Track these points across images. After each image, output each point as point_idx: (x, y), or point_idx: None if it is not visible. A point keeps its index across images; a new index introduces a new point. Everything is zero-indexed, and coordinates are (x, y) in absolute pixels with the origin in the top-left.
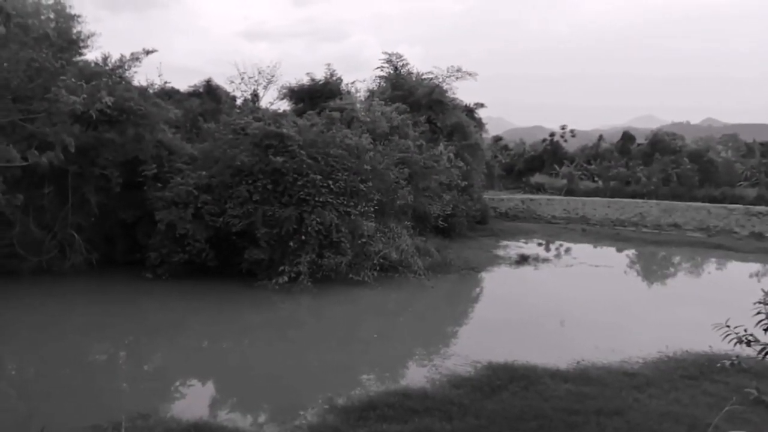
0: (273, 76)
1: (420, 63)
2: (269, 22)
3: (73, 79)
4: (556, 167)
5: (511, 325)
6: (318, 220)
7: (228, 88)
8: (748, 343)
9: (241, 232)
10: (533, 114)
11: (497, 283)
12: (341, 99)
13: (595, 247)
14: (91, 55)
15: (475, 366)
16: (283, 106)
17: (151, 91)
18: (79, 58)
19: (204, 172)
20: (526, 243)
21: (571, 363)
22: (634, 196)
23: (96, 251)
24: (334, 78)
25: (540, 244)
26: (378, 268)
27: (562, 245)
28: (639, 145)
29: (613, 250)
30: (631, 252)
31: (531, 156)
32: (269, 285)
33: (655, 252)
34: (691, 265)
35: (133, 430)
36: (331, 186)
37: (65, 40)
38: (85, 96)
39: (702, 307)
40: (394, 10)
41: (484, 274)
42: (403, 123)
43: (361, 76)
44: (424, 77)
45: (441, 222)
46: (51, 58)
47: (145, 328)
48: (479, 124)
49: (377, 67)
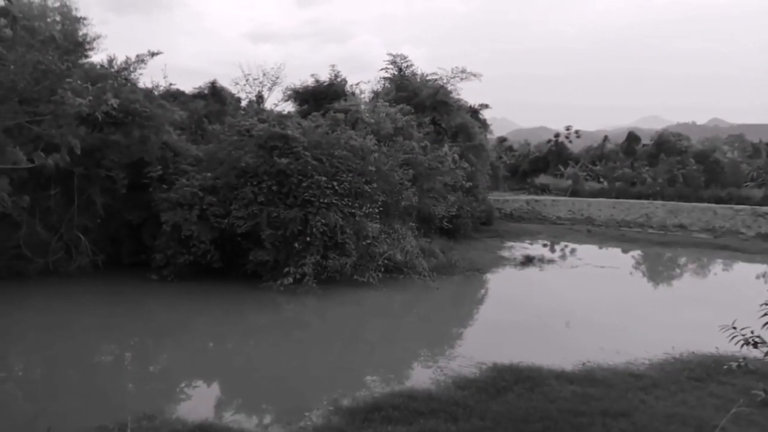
0: (277, 78)
1: (424, 64)
2: (274, 23)
3: (79, 82)
4: (561, 168)
5: (516, 326)
6: (323, 221)
7: (233, 89)
8: (755, 345)
9: (246, 233)
10: (538, 115)
11: (502, 284)
12: (346, 100)
13: (600, 248)
14: (97, 57)
15: (480, 367)
16: (288, 107)
17: (156, 92)
18: (84, 61)
19: (209, 174)
20: (531, 244)
21: (577, 364)
22: (639, 196)
23: (102, 252)
24: (339, 79)
25: (545, 245)
26: (383, 270)
27: (567, 246)
28: (644, 145)
29: (618, 251)
30: (636, 253)
31: (536, 157)
32: (274, 286)
33: (661, 253)
34: (697, 266)
35: (138, 431)
36: (336, 187)
37: (71, 42)
38: (90, 98)
39: (708, 309)
40: (398, 11)
41: (489, 276)
42: (408, 124)
43: (365, 78)
44: (428, 78)
45: (446, 223)
46: (57, 61)
47: (151, 329)
48: (484, 125)
49: (382, 69)
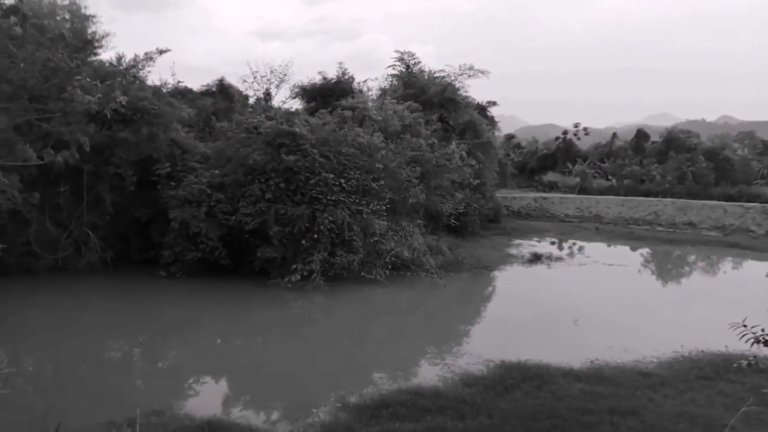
0: (285, 75)
1: (432, 61)
2: (282, 21)
3: (88, 79)
4: (569, 165)
5: (523, 324)
6: (330, 218)
7: (240, 87)
8: (766, 343)
9: (253, 230)
10: (546, 112)
11: (510, 281)
12: (353, 97)
13: (608, 245)
14: (106, 55)
15: (487, 365)
16: (296, 104)
17: (164, 90)
18: (93, 58)
19: (217, 171)
20: (539, 242)
21: (585, 362)
22: (648, 194)
23: (111, 249)
24: (346, 77)
25: (553, 243)
26: (390, 267)
27: (575, 244)
28: (653, 143)
29: (627, 248)
30: (645, 251)
31: (544, 154)
32: (282, 283)
33: (670, 251)
34: (707, 264)
35: (147, 427)
36: (343, 184)
37: (80, 40)
38: (99, 95)
39: (717, 307)
40: (406, 8)
41: (496, 273)
42: (415, 121)
43: (373, 75)
44: (436, 75)
45: (453, 220)
46: (66, 58)
47: (159, 326)
48: (491, 122)
49: (389, 66)
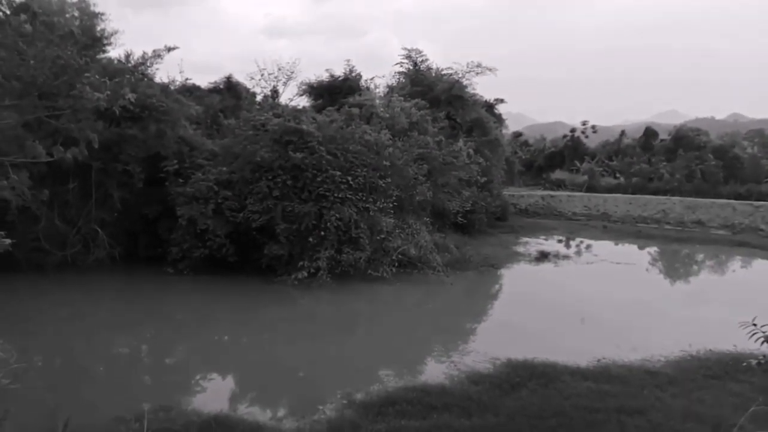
0: (292, 73)
1: (439, 59)
2: (289, 19)
3: (97, 76)
4: (577, 163)
5: (530, 322)
6: (337, 215)
7: (248, 84)
8: None
9: (260, 227)
10: (554, 110)
11: (517, 279)
12: (360, 95)
13: (616, 244)
14: (114, 52)
15: (494, 363)
16: (303, 102)
17: (172, 87)
18: (102, 56)
19: (224, 168)
20: (546, 240)
21: (592, 361)
22: (656, 192)
23: (119, 246)
24: (354, 74)
25: (560, 241)
26: (396, 264)
27: (582, 242)
28: (662, 140)
29: (634, 247)
30: (653, 249)
31: (551, 152)
32: (288, 280)
33: (678, 249)
34: (715, 263)
35: (155, 422)
36: (350, 182)
37: (89, 37)
38: (108, 93)
39: (726, 306)
40: (413, 6)
41: (503, 271)
42: (423, 119)
43: (380, 73)
44: (443, 73)
45: (460, 218)
46: (76, 56)
47: (167, 322)
48: (499, 120)
49: (396, 63)
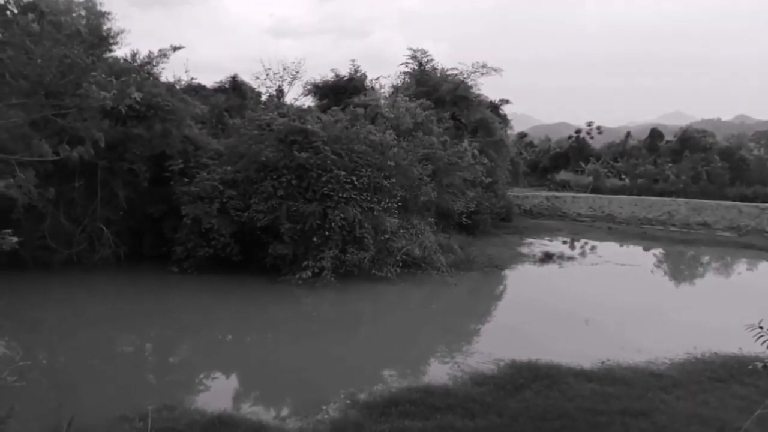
0: (297, 72)
1: (445, 59)
2: (294, 18)
3: (103, 76)
4: (582, 164)
5: (534, 323)
6: (341, 215)
7: (253, 84)
8: None
9: (265, 227)
10: (559, 110)
11: (521, 281)
12: (365, 95)
13: (621, 245)
14: (121, 51)
15: (497, 364)
16: (308, 102)
17: (178, 87)
18: (109, 55)
19: (229, 168)
20: (551, 241)
21: (596, 362)
22: (662, 194)
23: (124, 244)
24: (359, 74)
25: (565, 242)
26: (401, 265)
27: (587, 243)
28: (668, 142)
29: (639, 248)
30: (658, 251)
31: (556, 153)
32: (293, 280)
33: (684, 251)
34: (721, 265)
35: (158, 421)
36: (355, 182)
37: (96, 36)
38: (114, 92)
39: (731, 309)
40: (418, 6)
41: (507, 272)
42: (428, 119)
43: (385, 73)
44: (448, 73)
45: (465, 219)
46: (82, 55)
47: (171, 321)
48: (504, 121)
49: (401, 63)
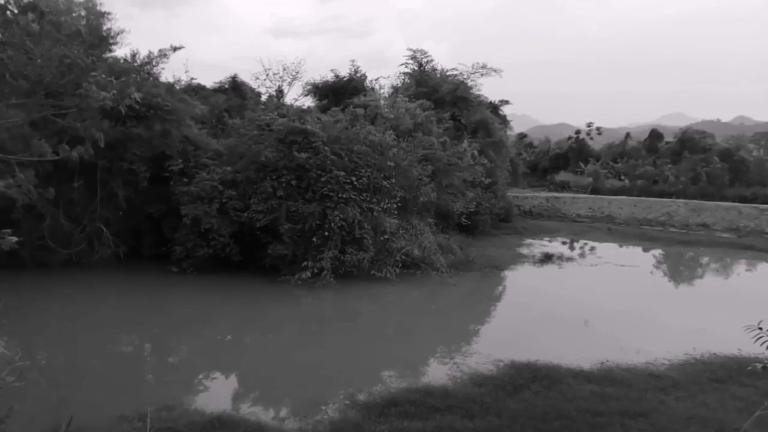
0: (298, 73)
1: (445, 60)
2: (295, 19)
3: (103, 76)
4: (582, 165)
5: (533, 324)
6: (341, 216)
7: (253, 84)
8: None
9: (264, 227)
10: (559, 111)
11: (520, 281)
12: (365, 95)
13: (620, 246)
14: (121, 51)
15: (497, 365)
16: (308, 102)
17: (177, 87)
18: (108, 55)
19: (229, 168)
20: (551, 241)
21: (595, 363)
22: (661, 195)
23: (123, 244)
24: (359, 74)
25: (564, 243)
26: (400, 265)
27: (586, 244)
28: (667, 143)
29: (639, 249)
30: (657, 252)
31: (556, 154)
32: (292, 280)
33: (683, 252)
34: (720, 266)
35: (158, 421)
36: (355, 182)
37: (96, 36)
38: (114, 92)
39: (731, 310)
40: (419, 6)
41: (507, 273)
42: (427, 120)
43: (385, 73)
44: (448, 74)
45: (464, 219)
46: (82, 55)
47: (170, 321)
48: (504, 121)
49: (401, 64)
